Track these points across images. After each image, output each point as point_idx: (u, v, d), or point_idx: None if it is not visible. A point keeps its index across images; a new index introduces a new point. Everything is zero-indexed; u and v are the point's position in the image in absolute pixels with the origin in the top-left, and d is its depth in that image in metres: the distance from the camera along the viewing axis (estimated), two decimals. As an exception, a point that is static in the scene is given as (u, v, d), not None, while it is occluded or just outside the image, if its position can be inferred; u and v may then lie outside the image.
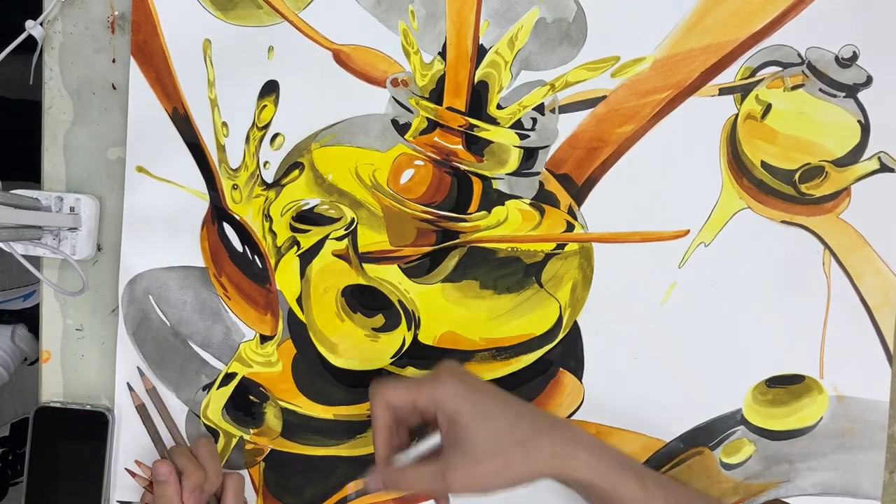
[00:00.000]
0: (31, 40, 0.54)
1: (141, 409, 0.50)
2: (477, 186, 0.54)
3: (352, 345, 0.56)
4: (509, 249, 0.54)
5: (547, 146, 0.54)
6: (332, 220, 0.55)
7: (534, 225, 0.54)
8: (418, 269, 0.55)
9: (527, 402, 0.48)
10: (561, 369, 0.55)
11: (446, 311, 0.55)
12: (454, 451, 0.43)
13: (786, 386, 0.54)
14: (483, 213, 0.54)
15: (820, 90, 0.53)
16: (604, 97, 0.53)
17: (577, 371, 0.55)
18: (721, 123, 0.53)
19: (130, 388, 0.49)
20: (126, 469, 0.50)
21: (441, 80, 0.53)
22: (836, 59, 0.53)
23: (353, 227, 0.55)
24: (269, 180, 0.55)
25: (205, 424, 0.56)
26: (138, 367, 0.50)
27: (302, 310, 0.56)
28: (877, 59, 0.52)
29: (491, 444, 0.42)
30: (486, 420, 0.43)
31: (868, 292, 0.54)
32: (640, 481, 0.44)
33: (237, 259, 0.56)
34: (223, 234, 0.56)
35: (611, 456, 0.45)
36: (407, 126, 0.54)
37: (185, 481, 0.50)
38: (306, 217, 0.55)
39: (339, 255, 0.55)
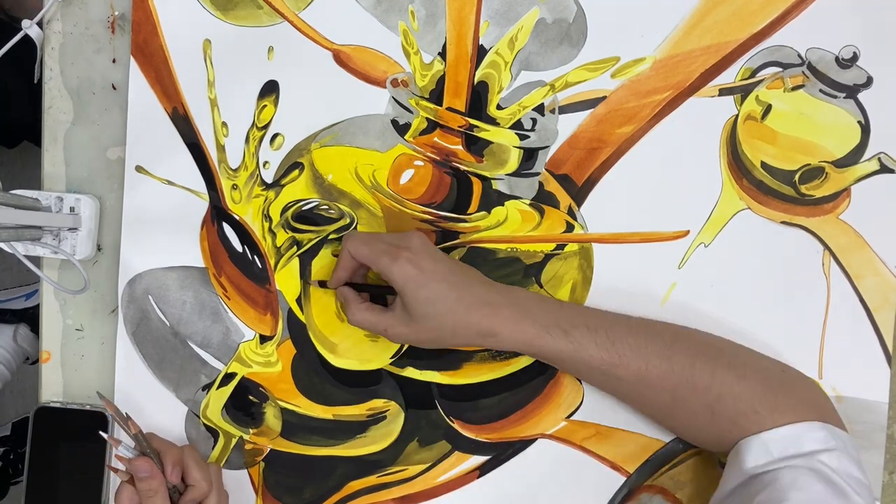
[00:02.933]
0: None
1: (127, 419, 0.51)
2: (477, 187, 0.54)
3: (351, 345, 0.56)
4: (509, 250, 0.54)
5: (547, 147, 0.54)
6: (331, 220, 0.55)
7: (533, 225, 0.54)
8: (418, 270, 0.55)
9: (471, 274, 0.51)
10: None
11: (446, 311, 0.55)
12: (398, 312, 0.50)
13: (785, 387, 0.54)
14: (483, 213, 0.54)
15: (820, 91, 0.53)
16: (604, 98, 0.53)
17: (577, 371, 0.55)
18: (721, 124, 0.53)
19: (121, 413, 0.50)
20: (108, 466, 0.51)
21: (441, 81, 0.53)
22: (837, 59, 0.52)
23: (352, 227, 0.55)
24: (269, 180, 0.55)
25: (204, 424, 0.57)
26: (98, 392, 0.51)
27: (301, 310, 0.56)
28: (877, 59, 0.52)
29: (427, 321, 0.49)
30: (426, 303, 0.48)
31: (867, 293, 0.54)
32: (567, 337, 0.49)
33: (237, 259, 0.56)
34: (223, 234, 0.56)
35: (535, 323, 0.49)
36: (407, 126, 0.54)
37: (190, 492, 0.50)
38: (306, 217, 0.55)
39: (339, 255, 0.54)
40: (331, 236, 0.55)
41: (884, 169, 0.53)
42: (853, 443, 0.46)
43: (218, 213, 0.55)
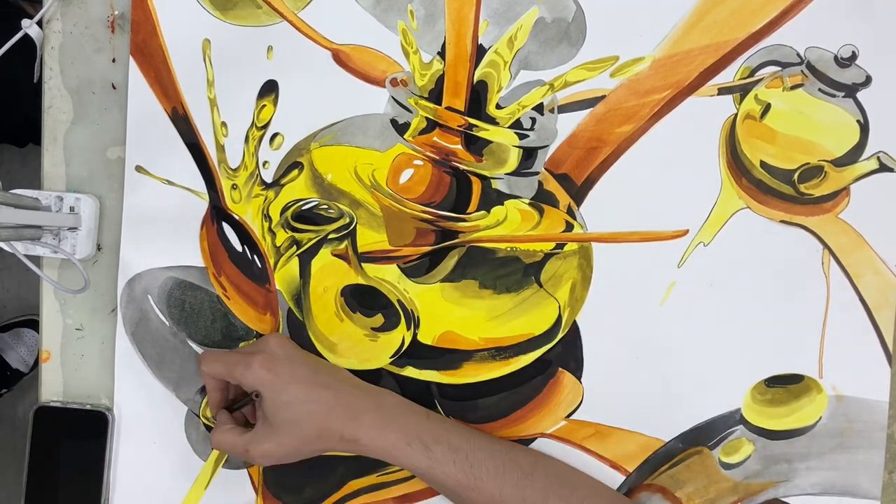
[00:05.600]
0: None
1: None
2: (476, 186, 0.54)
3: (351, 344, 0.56)
4: (508, 249, 0.55)
5: (546, 146, 0.54)
6: (331, 220, 0.55)
7: (533, 225, 0.54)
8: (417, 269, 0.55)
9: (337, 374, 0.52)
10: (560, 369, 0.55)
11: (445, 310, 0.55)
12: (260, 425, 0.49)
13: (785, 385, 0.54)
14: (482, 212, 0.54)
15: (819, 90, 0.53)
16: (603, 97, 0.53)
17: (577, 371, 0.55)
18: (720, 123, 0.53)
19: None
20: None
21: (440, 80, 0.53)
22: (836, 58, 0.53)
23: (352, 226, 0.55)
24: (269, 180, 0.55)
25: (204, 424, 0.57)
26: None
27: (301, 309, 0.56)
28: (876, 58, 0.52)
29: (289, 428, 0.48)
30: (286, 407, 0.48)
31: (867, 292, 0.54)
32: (426, 452, 0.48)
33: (236, 259, 0.56)
34: (222, 234, 0.56)
35: (397, 432, 0.49)
36: (406, 126, 0.54)
37: None
38: (305, 217, 0.55)
39: (339, 255, 0.55)
40: (330, 236, 0.55)
41: (883, 168, 0.53)
42: None
43: (218, 212, 0.55)
